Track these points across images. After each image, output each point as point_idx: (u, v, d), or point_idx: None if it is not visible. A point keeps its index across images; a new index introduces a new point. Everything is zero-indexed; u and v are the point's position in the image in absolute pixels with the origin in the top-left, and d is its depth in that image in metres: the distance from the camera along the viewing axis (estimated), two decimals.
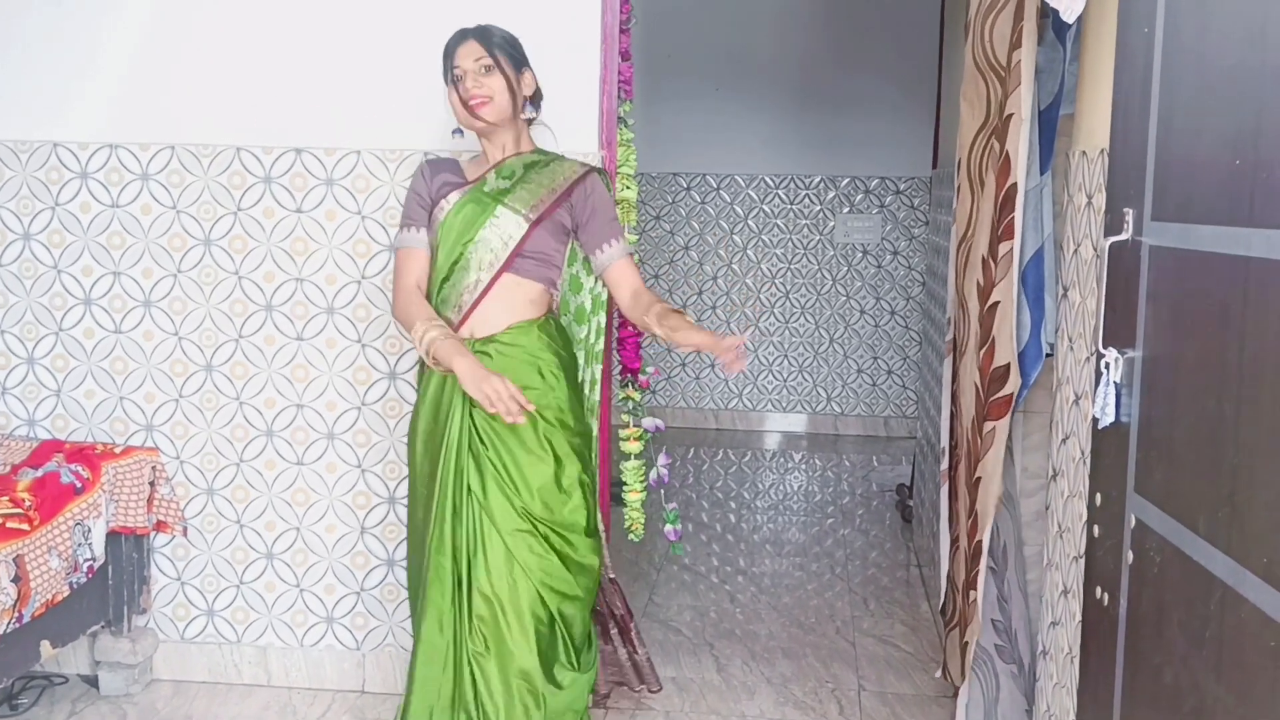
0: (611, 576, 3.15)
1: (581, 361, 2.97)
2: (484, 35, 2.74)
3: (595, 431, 2.97)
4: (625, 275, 2.79)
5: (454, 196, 2.77)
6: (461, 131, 2.85)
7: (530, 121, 2.84)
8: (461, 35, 2.75)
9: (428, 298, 2.77)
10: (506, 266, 2.71)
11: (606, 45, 3.18)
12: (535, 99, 2.83)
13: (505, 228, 2.71)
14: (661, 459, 3.28)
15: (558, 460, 2.72)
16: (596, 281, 2.97)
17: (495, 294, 2.72)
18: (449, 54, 2.74)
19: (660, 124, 6.53)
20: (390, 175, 3.28)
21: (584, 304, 3.02)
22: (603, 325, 3.02)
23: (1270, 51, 1.46)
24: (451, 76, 2.73)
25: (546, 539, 2.70)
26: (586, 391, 2.97)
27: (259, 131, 3.32)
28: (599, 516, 2.87)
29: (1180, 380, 1.69)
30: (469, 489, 2.68)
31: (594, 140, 3.17)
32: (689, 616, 4.12)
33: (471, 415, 2.69)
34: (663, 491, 3.34)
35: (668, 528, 3.32)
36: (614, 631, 3.19)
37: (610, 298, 2.98)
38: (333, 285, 3.34)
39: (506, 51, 2.74)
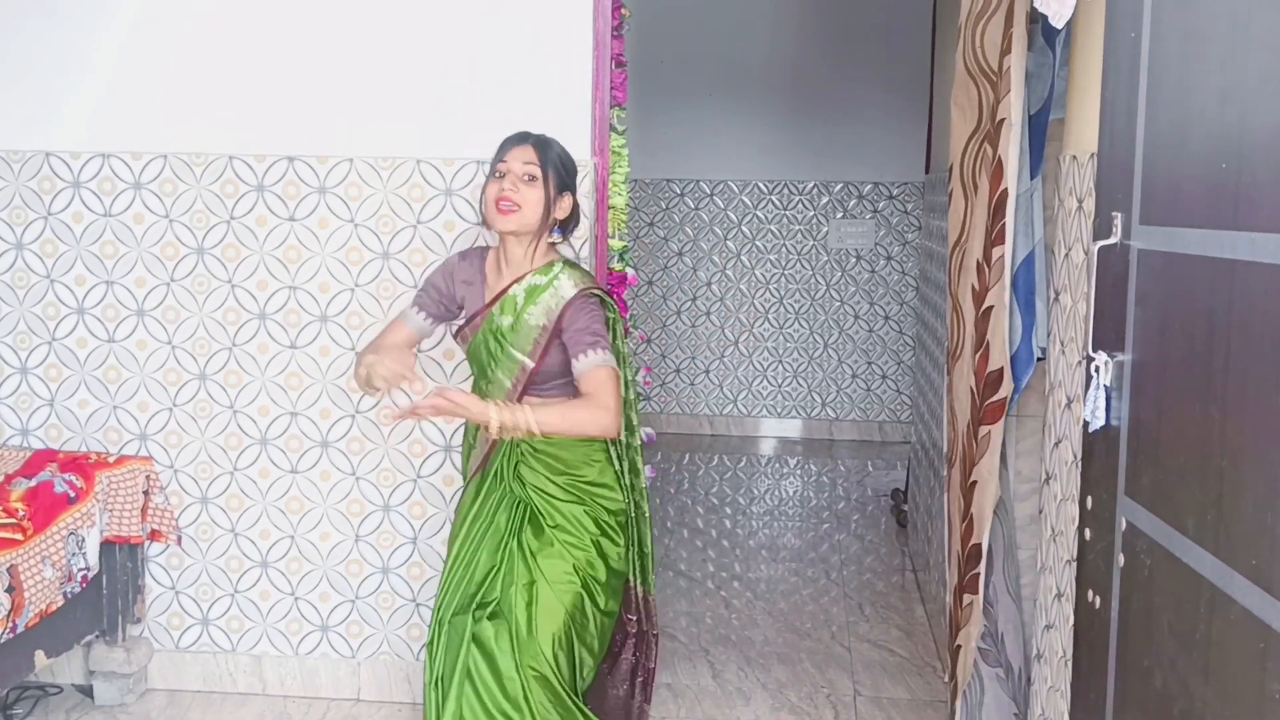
0: (655, 632, 3.04)
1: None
2: (543, 146, 2.72)
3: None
4: (590, 384, 2.65)
5: (470, 330, 2.77)
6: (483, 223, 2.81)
7: (553, 244, 2.80)
8: (522, 137, 2.73)
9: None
10: (522, 397, 2.71)
11: (599, 51, 3.18)
12: (566, 223, 2.79)
13: (510, 368, 2.71)
14: (647, 470, 3.26)
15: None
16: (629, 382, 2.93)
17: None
18: (502, 149, 2.72)
19: (653, 130, 6.54)
20: (383, 183, 3.28)
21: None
22: (620, 331, 2.89)
23: (1254, 56, 1.47)
24: (495, 171, 2.71)
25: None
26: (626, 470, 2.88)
27: (251, 140, 3.33)
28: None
29: (1169, 383, 1.70)
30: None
31: (586, 146, 3.18)
32: (684, 622, 4.12)
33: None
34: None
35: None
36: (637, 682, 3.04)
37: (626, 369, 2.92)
38: (326, 293, 3.34)
39: (557, 170, 2.71)
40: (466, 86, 3.23)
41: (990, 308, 2.74)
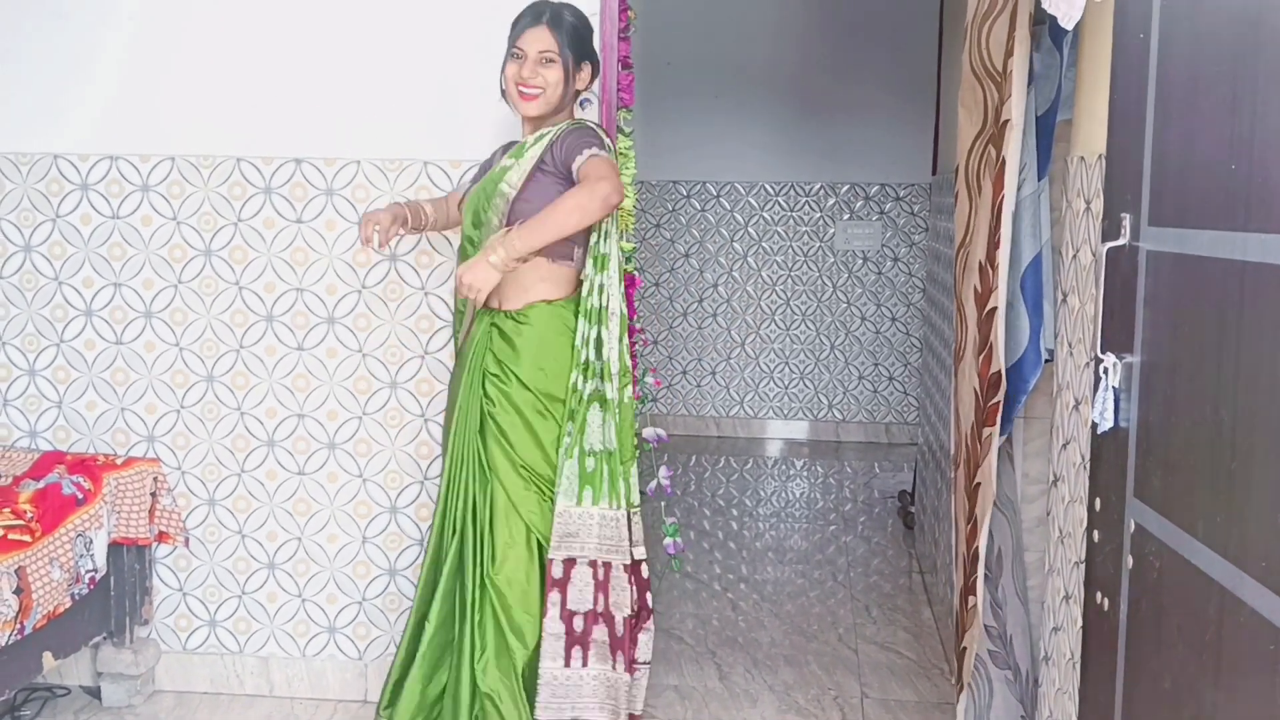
0: (627, 562, 2.84)
1: (593, 270, 2.80)
2: (556, 22, 2.74)
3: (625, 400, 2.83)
4: (582, 171, 2.64)
5: (480, 176, 2.89)
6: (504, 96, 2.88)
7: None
8: (535, 15, 2.75)
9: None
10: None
11: (605, 53, 3.18)
12: (579, 95, 2.85)
13: (499, 205, 2.76)
14: (664, 471, 3.26)
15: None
16: (599, 240, 2.81)
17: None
18: (517, 28, 2.75)
19: (660, 132, 6.54)
20: (390, 185, 3.29)
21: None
22: (609, 231, 2.81)
23: (1264, 56, 1.47)
24: (512, 52, 2.75)
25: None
26: (594, 355, 2.78)
27: (259, 142, 3.33)
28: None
29: (1178, 385, 1.69)
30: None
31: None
32: (691, 625, 4.11)
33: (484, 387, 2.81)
34: (663, 503, 3.29)
35: (667, 541, 3.21)
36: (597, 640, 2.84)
37: (616, 264, 2.84)
38: (333, 295, 3.35)
39: (574, 43, 2.75)
40: (472, 88, 3.23)
41: (993, 309, 2.74)
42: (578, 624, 2.79)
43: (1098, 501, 1.95)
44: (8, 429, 3.49)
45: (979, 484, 2.81)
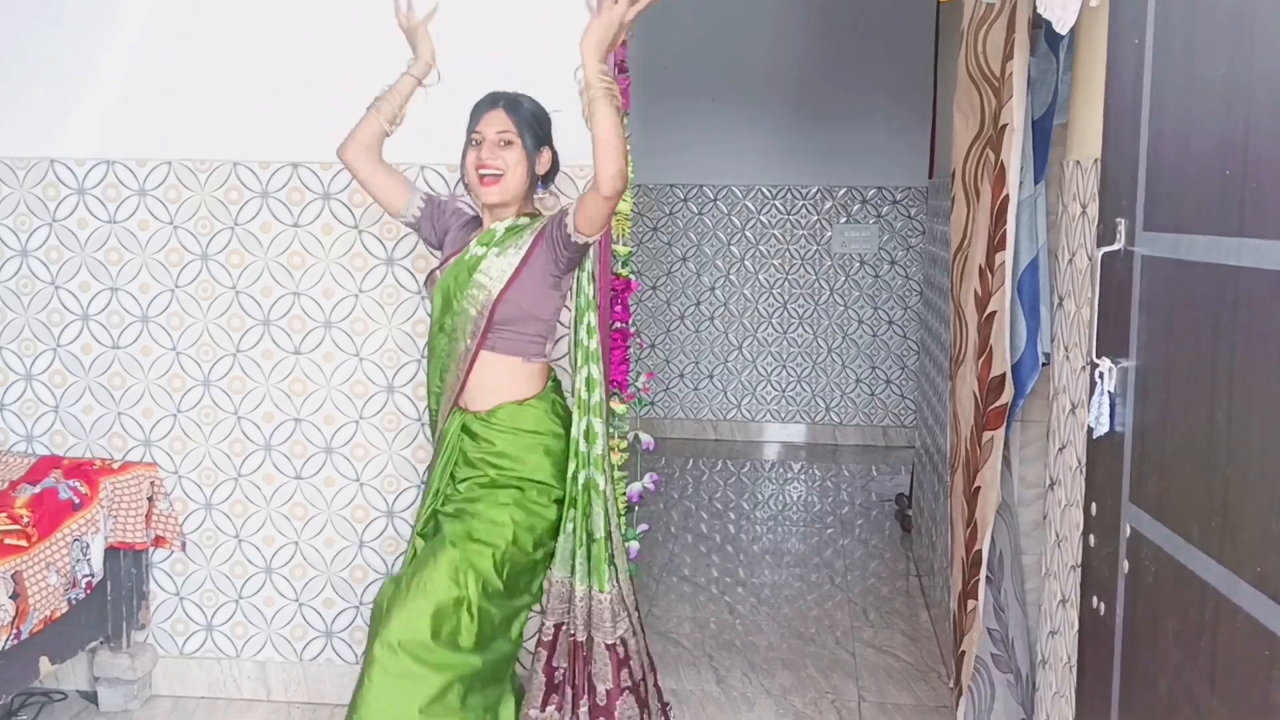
0: (610, 642, 2.82)
1: (579, 361, 2.81)
2: (514, 107, 2.70)
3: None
4: (584, 196, 2.61)
5: (444, 269, 2.76)
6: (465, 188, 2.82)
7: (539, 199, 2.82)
8: (492, 101, 2.73)
9: (434, 355, 2.81)
10: (482, 343, 2.69)
11: None
12: (548, 176, 2.79)
13: (479, 298, 2.68)
14: (649, 477, 3.25)
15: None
16: (588, 282, 2.82)
17: (477, 370, 2.71)
18: (475, 116, 2.72)
19: (657, 136, 6.54)
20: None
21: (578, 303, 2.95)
22: (593, 325, 2.87)
23: (1258, 63, 1.47)
24: (471, 139, 2.72)
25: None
26: (586, 394, 2.77)
27: (255, 146, 3.33)
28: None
29: (1173, 390, 1.69)
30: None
31: (589, 153, 3.16)
32: (688, 628, 4.11)
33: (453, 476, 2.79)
34: (635, 509, 3.27)
35: (629, 544, 3.09)
36: (583, 710, 2.81)
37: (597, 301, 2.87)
38: (330, 299, 3.35)
39: (532, 128, 2.70)
40: (469, 93, 3.22)
41: (993, 313, 2.74)
42: (557, 677, 2.81)
43: (1094, 506, 1.95)
44: (4, 434, 3.49)
45: (979, 488, 2.82)
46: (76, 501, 3.12)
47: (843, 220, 6.72)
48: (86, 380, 3.44)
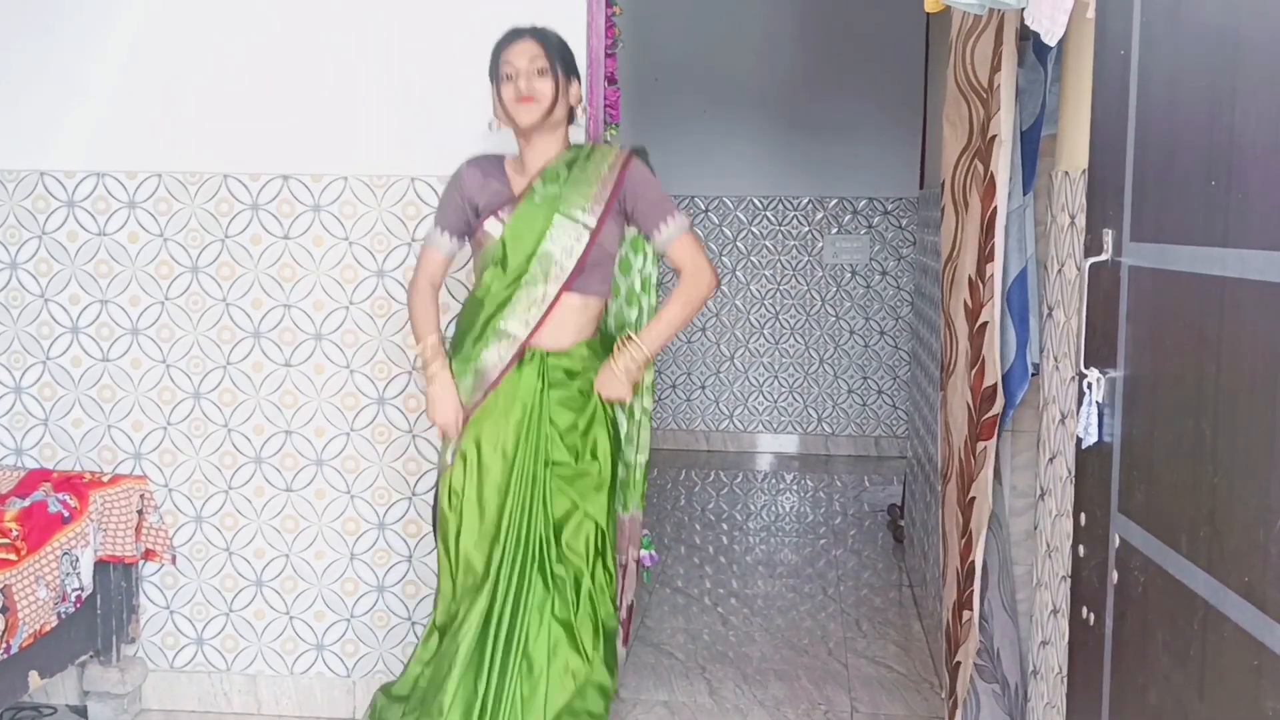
0: (636, 558, 3.09)
1: (640, 289, 2.95)
2: (542, 36, 2.72)
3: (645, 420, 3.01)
4: (677, 257, 2.74)
5: (506, 213, 2.73)
6: (491, 127, 2.84)
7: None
8: (517, 33, 2.72)
9: (488, 302, 2.77)
10: (569, 285, 2.71)
11: (592, 70, 3.19)
12: (573, 112, 2.82)
13: (564, 239, 2.69)
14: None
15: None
16: (645, 261, 2.95)
17: (559, 312, 2.73)
18: (501, 49, 2.71)
19: (648, 146, 6.51)
20: (378, 201, 3.29)
21: (634, 285, 3.01)
22: (653, 305, 2.99)
23: (1240, 75, 1.48)
24: (500, 73, 2.70)
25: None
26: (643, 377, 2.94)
27: (246, 159, 3.33)
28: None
29: (1160, 400, 1.70)
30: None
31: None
32: (681, 639, 4.11)
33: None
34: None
35: (643, 553, 3.19)
36: None
37: (655, 279, 3.04)
38: (321, 311, 3.34)
39: (561, 56, 2.73)
40: (460, 105, 3.23)
41: (984, 324, 2.75)
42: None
43: (1083, 516, 1.95)
44: None
45: (974, 498, 2.82)
46: (66, 515, 3.11)
47: (834, 231, 6.73)
48: (76, 393, 3.44)
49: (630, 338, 2.75)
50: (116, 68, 3.36)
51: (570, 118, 2.81)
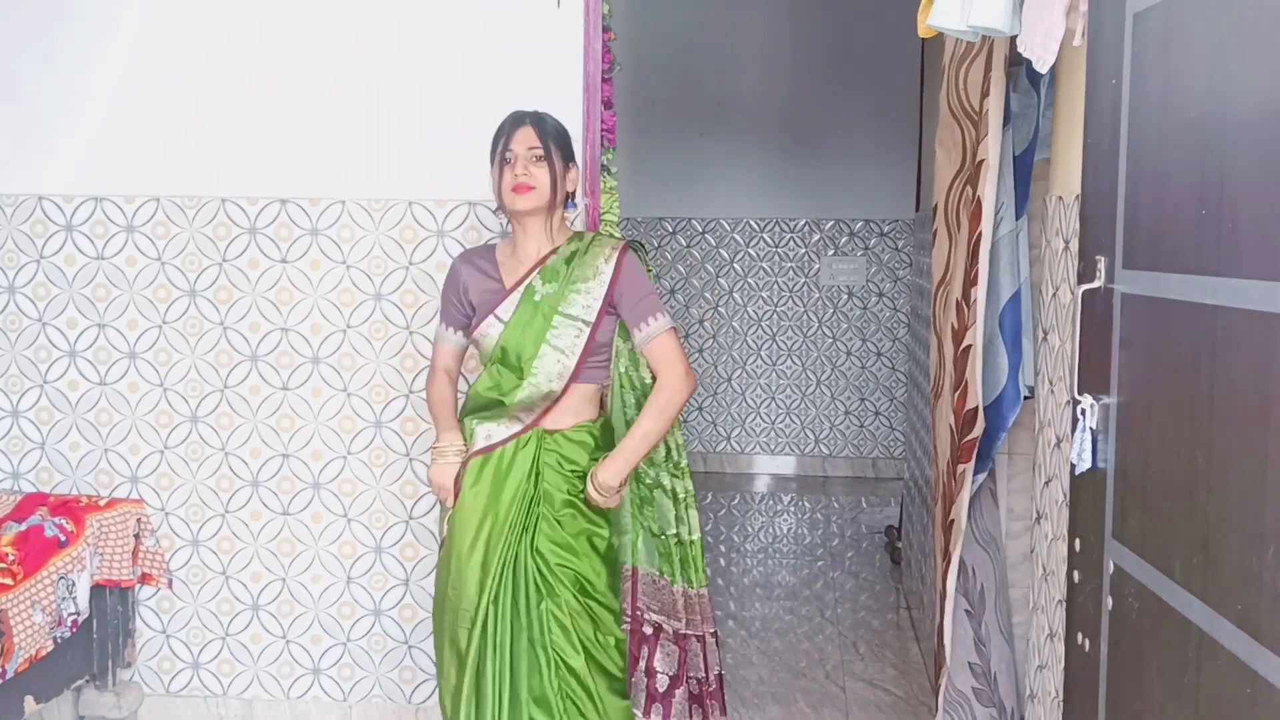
0: (711, 631, 3.17)
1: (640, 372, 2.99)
2: (540, 123, 2.75)
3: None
4: (656, 357, 2.74)
5: (504, 309, 2.74)
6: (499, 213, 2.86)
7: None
8: (518, 119, 2.76)
9: (497, 395, 2.78)
10: (575, 378, 2.73)
11: (589, 94, 3.21)
12: (572, 194, 2.83)
13: (564, 340, 2.71)
14: None
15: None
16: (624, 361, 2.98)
17: (565, 401, 2.75)
18: (503, 134, 2.75)
19: (645, 169, 6.57)
20: (375, 224, 3.30)
21: (646, 378, 2.99)
22: (644, 381, 2.99)
23: (1231, 105, 1.49)
24: (501, 158, 2.73)
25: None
26: (677, 457, 3.13)
27: (244, 183, 3.34)
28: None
29: (1154, 427, 1.70)
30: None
31: (578, 188, 3.18)
32: None
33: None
34: None
35: None
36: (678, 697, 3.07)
37: None
38: (318, 335, 3.35)
39: (559, 144, 2.75)
40: (458, 129, 3.25)
41: (968, 347, 2.76)
42: (660, 683, 3.06)
43: (1077, 542, 1.96)
44: None
45: (953, 520, 2.83)
46: (62, 539, 3.11)
47: (830, 253, 6.75)
48: (73, 417, 3.44)
49: (601, 464, 2.72)
50: (114, 92, 3.37)
51: (566, 202, 2.83)
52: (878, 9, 6.28)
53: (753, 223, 6.80)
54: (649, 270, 2.86)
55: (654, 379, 2.78)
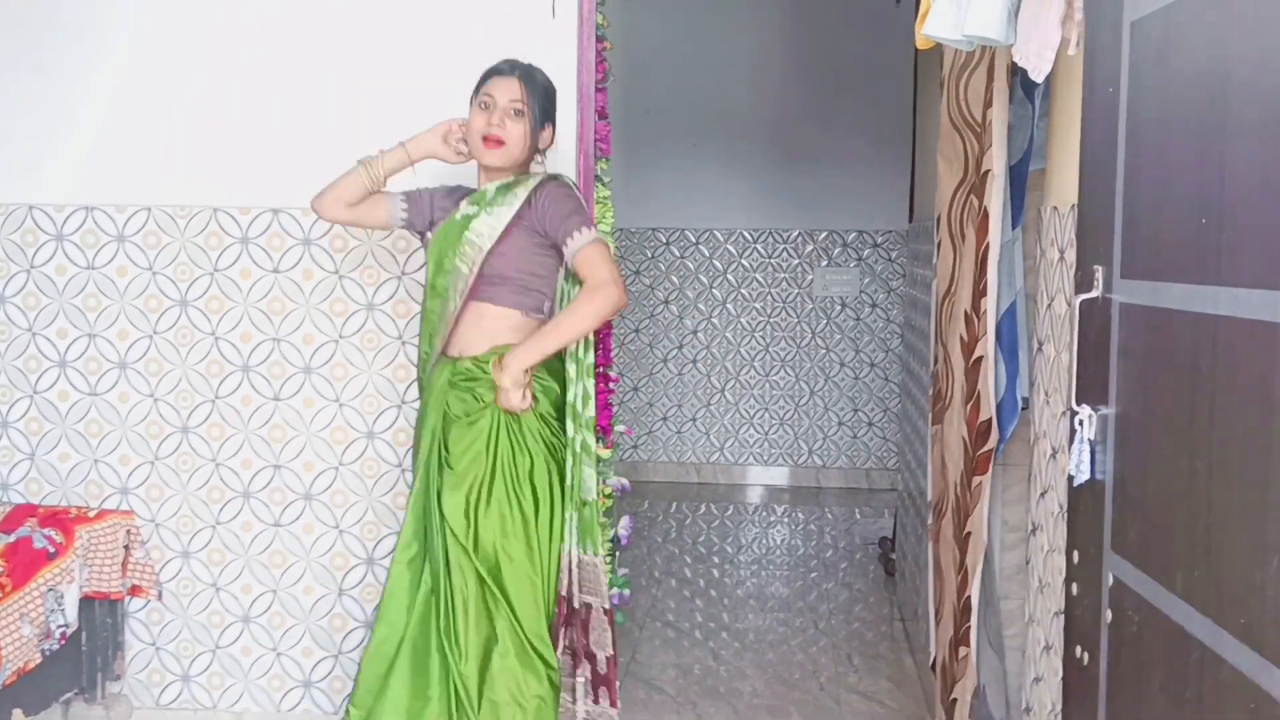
0: (606, 606, 2.91)
1: (573, 374, 2.82)
2: (529, 77, 2.75)
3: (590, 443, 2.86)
4: (582, 268, 2.70)
5: (441, 221, 2.82)
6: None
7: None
8: (510, 68, 2.76)
9: (428, 317, 2.86)
10: (472, 294, 2.74)
11: (582, 104, 3.20)
12: (544, 150, 2.85)
13: (470, 255, 2.73)
14: (624, 521, 3.24)
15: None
16: (584, 350, 2.83)
17: (467, 321, 2.76)
18: (487, 78, 2.76)
19: (638, 180, 6.56)
20: (368, 235, 3.28)
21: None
22: (591, 340, 2.89)
23: (1231, 113, 1.48)
24: (480, 100, 2.74)
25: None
26: (580, 408, 2.81)
27: (236, 192, 3.33)
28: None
29: (1153, 438, 1.69)
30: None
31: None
32: (672, 674, 4.08)
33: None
34: (616, 553, 3.25)
35: (612, 591, 3.06)
36: (580, 680, 2.92)
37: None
38: (310, 345, 3.33)
39: (542, 102, 2.76)
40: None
41: (979, 358, 2.75)
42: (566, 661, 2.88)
43: (1075, 554, 1.94)
44: None
45: (969, 533, 2.81)
46: (51, 550, 3.08)
47: (824, 263, 6.74)
48: (63, 427, 3.41)
49: (512, 348, 2.70)
50: (105, 101, 3.35)
51: (534, 158, 2.83)
52: (871, 20, 6.29)
53: (746, 233, 6.80)
54: (597, 202, 2.87)
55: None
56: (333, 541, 3.37)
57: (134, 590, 3.33)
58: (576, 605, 2.83)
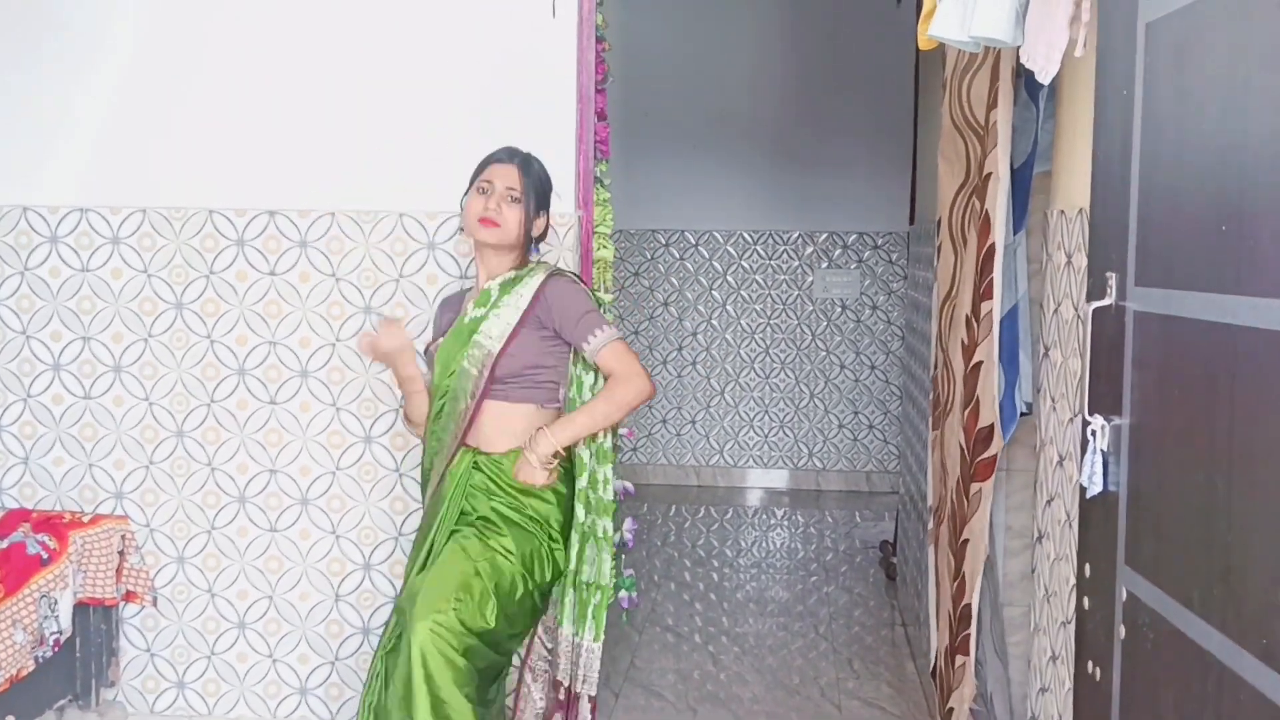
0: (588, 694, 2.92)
1: (590, 460, 2.84)
2: (526, 166, 2.80)
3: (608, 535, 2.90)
4: (607, 363, 2.74)
5: (449, 328, 2.85)
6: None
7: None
8: (509, 155, 2.81)
9: (436, 415, 2.85)
10: (485, 394, 2.74)
11: (582, 106, 3.17)
12: (539, 239, 2.87)
13: (478, 357, 2.74)
14: (628, 524, 3.21)
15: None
16: (596, 379, 2.85)
17: (485, 419, 2.76)
18: (486, 165, 2.80)
19: (638, 181, 6.52)
20: (365, 237, 3.25)
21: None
22: (606, 478, 2.91)
23: (1252, 116, 1.45)
24: (478, 185, 2.78)
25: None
26: (600, 492, 2.84)
27: (232, 194, 3.29)
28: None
29: (1169, 450, 1.65)
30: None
31: (571, 200, 3.15)
32: (671, 679, 4.04)
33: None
34: (621, 556, 3.24)
35: (621, 594, 3.16)
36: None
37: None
38: (306, 348, 3.29)
39: (538, 191, 2.80)
40: (449, 140, 3.20)
41: (979, 363, 2.71)
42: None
43: (1087, 567, 1.90)
44: None
45: (967, 540, 2.77)
46: (45, 556, 3.04)
47: (824, 265, 6.71)
48: (57, 431, 3.37)
49: (542, 428, 2.72)
50: (101, 103, 3.32)
51: (530, 245, 2.85)
52: (872, 21, 6.26)
53: (746, 235, 6.76)
54: (596, 291, 2.85)
55: None
56: (329, 547, 3.33)
57: (129, 596, 3.30)
58: (566, 687, 2.89)
